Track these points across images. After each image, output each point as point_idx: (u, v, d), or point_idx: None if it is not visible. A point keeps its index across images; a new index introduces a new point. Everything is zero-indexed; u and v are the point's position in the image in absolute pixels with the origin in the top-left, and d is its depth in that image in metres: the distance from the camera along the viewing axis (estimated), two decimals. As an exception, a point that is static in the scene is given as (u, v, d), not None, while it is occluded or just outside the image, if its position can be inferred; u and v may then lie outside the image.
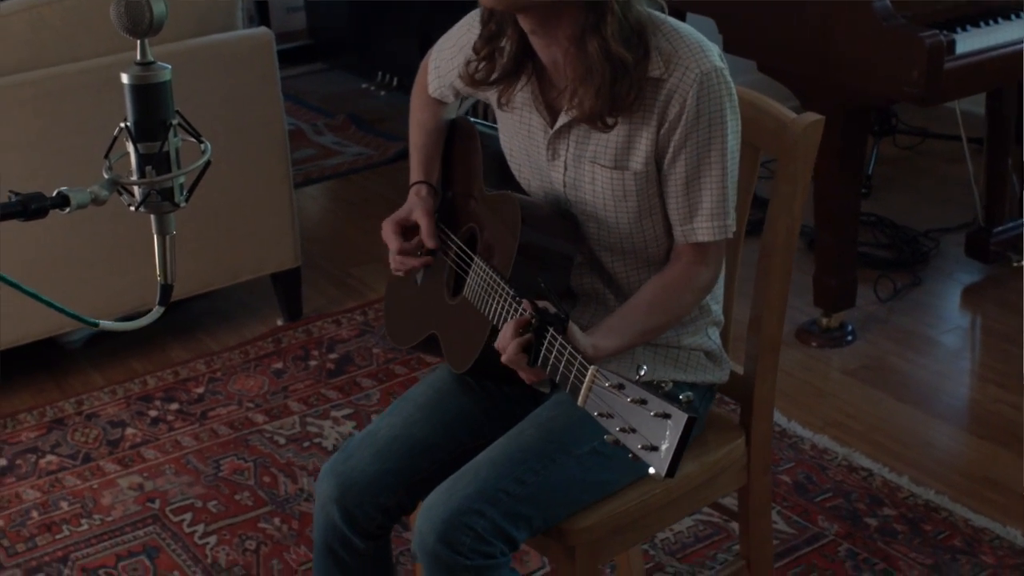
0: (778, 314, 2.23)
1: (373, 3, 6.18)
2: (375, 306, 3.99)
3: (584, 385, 1.71)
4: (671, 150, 1.98)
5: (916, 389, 3.47)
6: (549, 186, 2.12)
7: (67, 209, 1.35)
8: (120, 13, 1.38)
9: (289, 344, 3.79)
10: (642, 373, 1.69)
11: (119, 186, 1.40)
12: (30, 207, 1.32)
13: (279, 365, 3.67)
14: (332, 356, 3.71)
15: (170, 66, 1.40)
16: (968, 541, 2.84)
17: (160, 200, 1.42)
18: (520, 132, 2.12)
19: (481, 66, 2.08)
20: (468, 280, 2.10)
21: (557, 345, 1.80)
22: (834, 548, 2.84)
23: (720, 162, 1.99)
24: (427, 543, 1.94)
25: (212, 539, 2.95)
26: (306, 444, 3.29)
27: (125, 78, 1.40)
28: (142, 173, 1.40)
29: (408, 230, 2.23)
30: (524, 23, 1.98)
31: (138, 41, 1.40)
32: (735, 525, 2.91)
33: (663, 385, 1.66)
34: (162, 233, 1.45)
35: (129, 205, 1.43)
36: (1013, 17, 3.35)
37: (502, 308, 1.95)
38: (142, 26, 1.38)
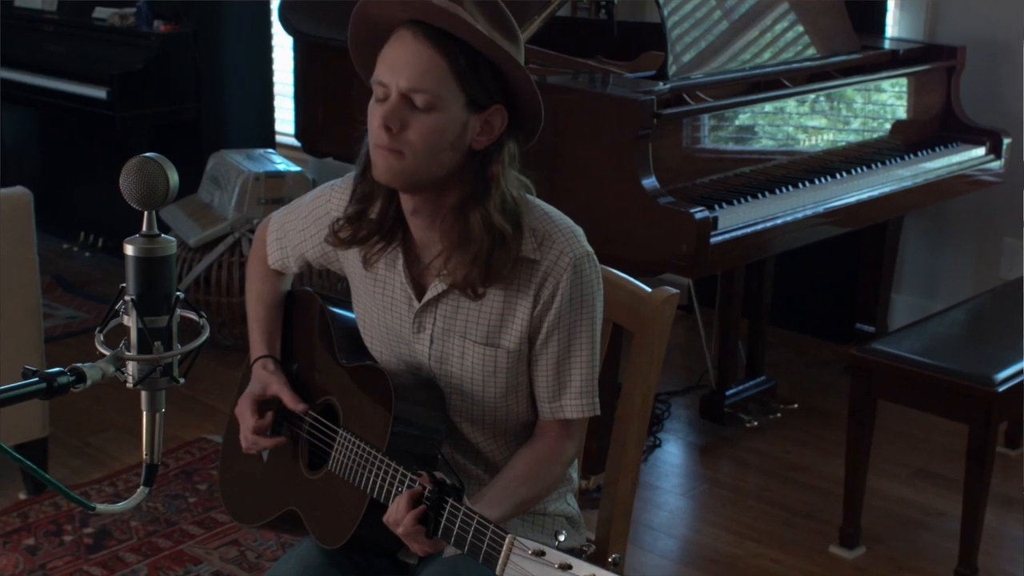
0: (632, 480, 2.31)
1: (69, 159, 5.98)
2: (123, 476, 3.82)
3: (502, 553, 1.72)
4: (544, 331, 2.03)
5: (679, 547, 3.61)
6: (410, 357, 2.12)
7: (80, 386, 1.28)
8: (133, 183, 1.33)
9: (38, 519, 3.56)
10: (561, 539, 1.72)
11: (121, 361, 1.34)
12: (54, 384, 1.24)
13: (30, 541, 3.45)
14: (87, 531, 3.51)
15: (174, 239, 1.36)
16: None
17: (159, 376, 1.36)
18: (379, 302, 2.12)
19: (349, 225, 2.07)
20: (334, 454, 2.07)
21: (461, 515, 1.81)
22: None
23: (590, 342, 2.06)
24: None
25: None
26: (78, 626, 3.10)
27: (130, 250, 1.35)
28: (144, 348, 1.34)
29: (262, 406, 2.19)
30: (408, 203, 2.01)
31: (145, 212, 1.35)
32: None
33: (584, 549, 1.70)
34: (153, 410, 1.39)
35: (124, 381, 1.36)
36: (760, 196, 3.62)
37: (383, 480, 1.94)
38: (156, 196, 1.33)
